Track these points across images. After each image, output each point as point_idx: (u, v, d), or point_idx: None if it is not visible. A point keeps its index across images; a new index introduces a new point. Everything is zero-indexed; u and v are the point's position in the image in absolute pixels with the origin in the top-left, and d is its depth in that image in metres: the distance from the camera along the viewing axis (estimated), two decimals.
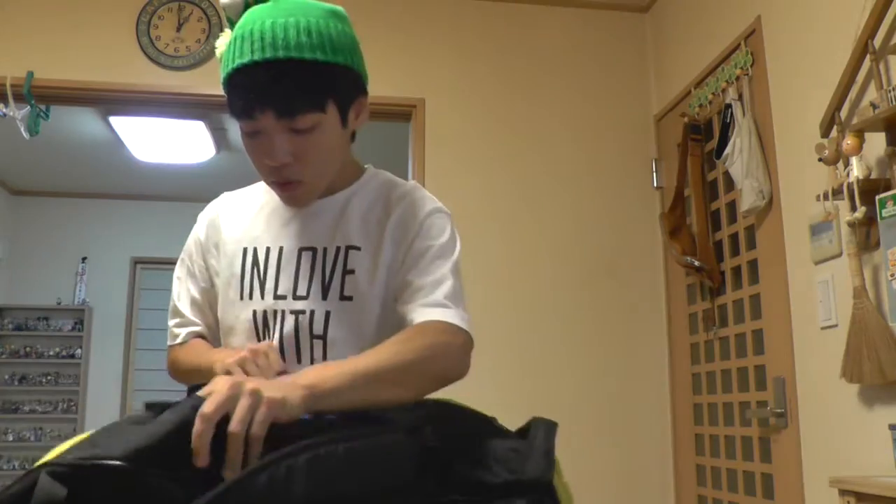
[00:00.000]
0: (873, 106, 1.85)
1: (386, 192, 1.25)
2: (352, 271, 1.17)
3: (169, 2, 3.19)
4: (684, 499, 2.99)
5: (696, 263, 2.79)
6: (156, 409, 0.86)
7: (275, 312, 1.17)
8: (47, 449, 0.94)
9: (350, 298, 1.17)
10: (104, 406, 6.35)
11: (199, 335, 1.28)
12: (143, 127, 4.94)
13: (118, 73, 3.10)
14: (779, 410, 2.34)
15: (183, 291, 1.31)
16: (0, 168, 6.17)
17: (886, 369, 1.79)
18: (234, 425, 0.77)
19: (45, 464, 0.70)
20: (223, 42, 1.15)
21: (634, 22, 3.45)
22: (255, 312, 1.18)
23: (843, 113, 2.03)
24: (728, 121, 2.58)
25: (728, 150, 2.52)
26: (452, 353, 1.08)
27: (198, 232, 1.32)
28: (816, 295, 2.16)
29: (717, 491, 2.78)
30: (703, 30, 2.94)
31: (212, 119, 4.82)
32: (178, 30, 3.17)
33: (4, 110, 3.01)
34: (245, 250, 1.23)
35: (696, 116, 2.90)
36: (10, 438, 6.34)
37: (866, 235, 1.91)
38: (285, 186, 1.15)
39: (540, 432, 0.93)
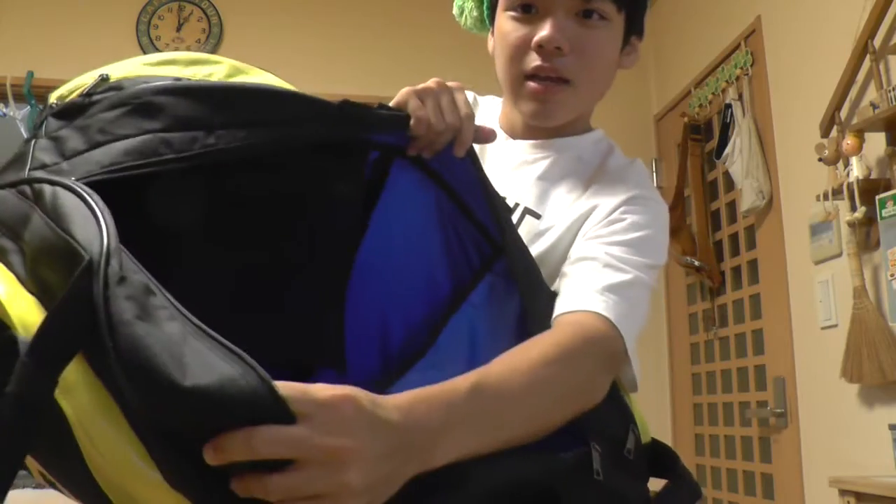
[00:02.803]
0: (873, 106, 1.85)
1: (603, 156, 1.02)
2: None
3: (169, 2, 3.19)
4: None
5: (696, 263, 2.79)
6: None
7: None
8: None
9: None
10: None
11: None
12: None
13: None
14: (779, 410, 2.34)
15: None
16: None
17: (886, 369, 1.79)
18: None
19: None
20: None
21: None
22: None
23: (843, 113, 2.03)
24: (728, 121, 2.58)
25: (728, 150, 2.52)
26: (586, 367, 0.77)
27: None
28: (816, 295, 2.16)
29: (717, 491, 2.78)
30: (703, 30, 2.94)
31: None
32: (178, 30, 3.17)
33: (4, 110, 3.00)
34: None
35: (696, 116, 2.90)
36: None
37: (866, 235, 1.91)
38: (548, 85, 0.94)
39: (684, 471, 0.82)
